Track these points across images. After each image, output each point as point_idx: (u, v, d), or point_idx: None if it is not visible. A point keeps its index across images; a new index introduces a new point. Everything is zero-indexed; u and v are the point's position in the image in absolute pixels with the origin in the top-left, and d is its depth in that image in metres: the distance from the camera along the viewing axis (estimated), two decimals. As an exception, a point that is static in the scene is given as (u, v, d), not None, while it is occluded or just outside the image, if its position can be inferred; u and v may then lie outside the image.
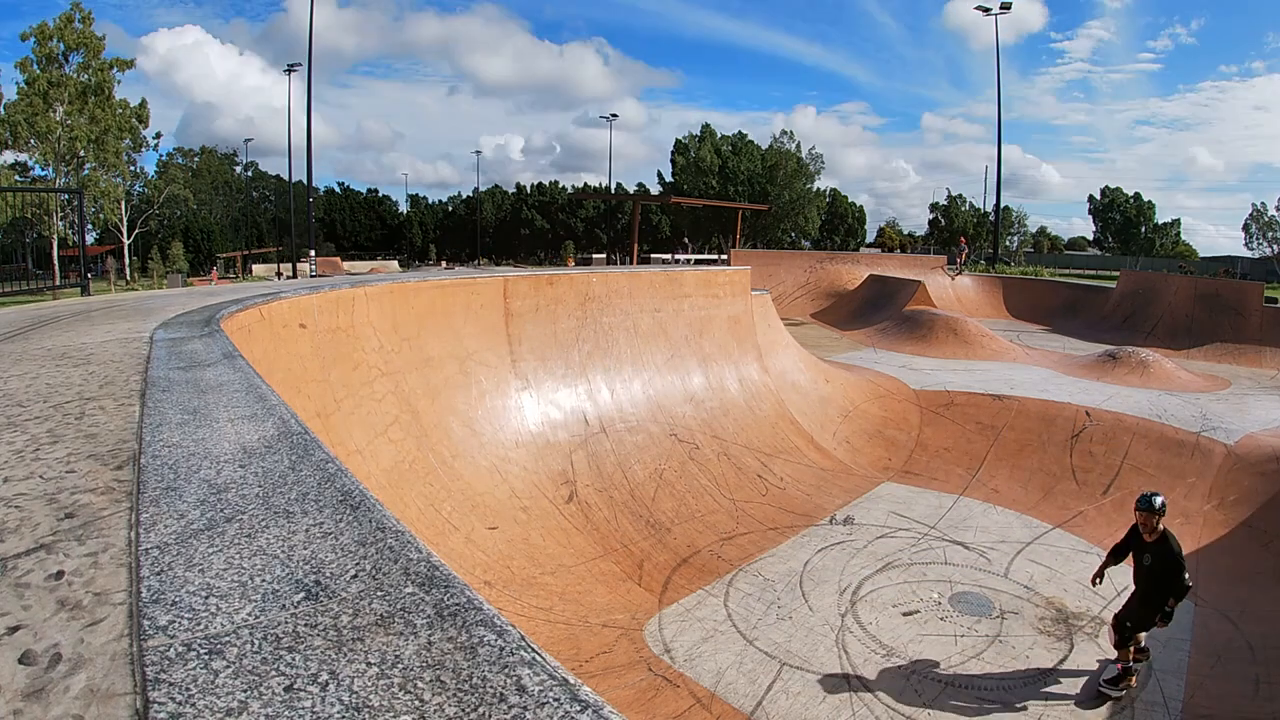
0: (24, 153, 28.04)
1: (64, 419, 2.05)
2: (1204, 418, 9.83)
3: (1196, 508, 7.90)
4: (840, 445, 10.27)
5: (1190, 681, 5.19)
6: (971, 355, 14.76)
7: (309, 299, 6.00)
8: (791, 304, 23.72)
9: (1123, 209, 58.48)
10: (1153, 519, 4.85)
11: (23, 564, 1.14)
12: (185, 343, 3.55)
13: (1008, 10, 34.62)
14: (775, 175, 51.74)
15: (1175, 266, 43.49)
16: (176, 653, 0.85)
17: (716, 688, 5.02)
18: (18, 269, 19.34)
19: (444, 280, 8.23)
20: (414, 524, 5.36)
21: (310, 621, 0.93)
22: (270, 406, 2.14)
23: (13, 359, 3.14)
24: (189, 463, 1.61)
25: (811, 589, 6.45)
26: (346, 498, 1.38)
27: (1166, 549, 4.81)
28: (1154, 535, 4.88)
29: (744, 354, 11.03)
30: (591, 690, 0.78)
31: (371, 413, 6.09)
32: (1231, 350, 15.96)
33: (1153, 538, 4.89)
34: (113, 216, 32.18)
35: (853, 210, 64.99)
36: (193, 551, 1.14)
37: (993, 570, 6.89)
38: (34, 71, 27.14)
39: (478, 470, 6.93)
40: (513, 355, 8.29)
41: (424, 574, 1.06)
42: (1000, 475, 9.26)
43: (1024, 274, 30.15)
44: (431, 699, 0.76)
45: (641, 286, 10.12)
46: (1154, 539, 4.88)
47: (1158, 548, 4.86)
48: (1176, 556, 4.74)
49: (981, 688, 5.07)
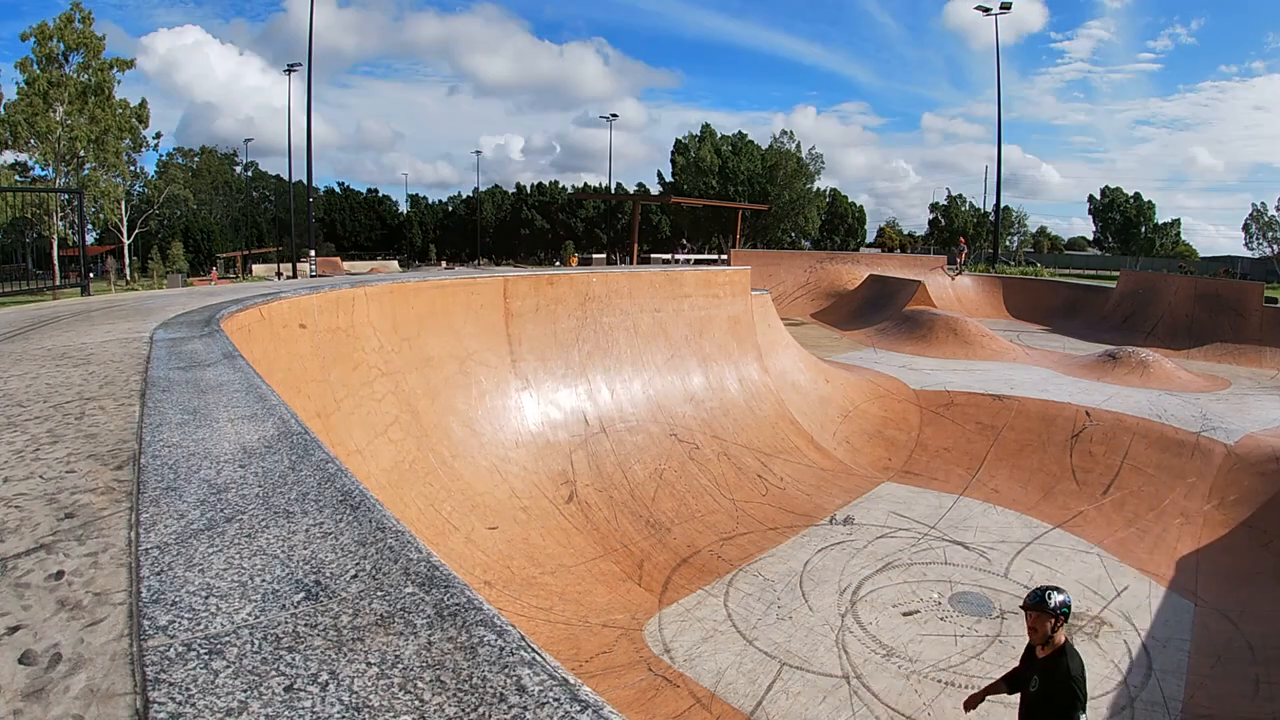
0: (24, 153, 28.05)
1: (64, 419, 2.05)
2: (1204, 418, 9.83)
3: (1196, 508, 7.90)
4: (840, 445, 10.27)
5: (1190, 681, 5.20)
6: (971, 355, 14.76)
7: (309, 299, 6.00)
8: (791, 304, 23.72)
9: (1123, 209, 58.49)
10: (1045, 623, 3.32)
11: (23, 564, 1.14)
12: (185, 343, 3.55)
13: (1008, 10, 34.62)
14: (775, 175, 51.75)
15: (1175, 266, 43.47)
16: (176, 653, 0.85)
17: (716, 688, 5.02)
18: (18, 269, 19.34)
19: (444, 280, 8.23)
20: (414, 524, 5.36)
21: (310, 621, 0.93)
22: (270, 406, 2.14)
23: (13, 359, 3.14)
24: (189, 463, 1.61)
25: (811, 589, 6.45)
26: (346, 498, 1.38)
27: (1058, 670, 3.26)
28: (1047, 648, 3.35)
29: (744, 354, 11.03)
30: (591, 690, 0.78)
31: (371, 413, 6.10)
32: (1231, 350, 15.97)
33: (1046, 651, 3.36)
34: (113, 216, 32.18)
35: (853, 210, 64.98)
36: (193, 551, 1.14)
37: (993, 570, 6.89)
38: (34, 71, 27.13)
39: (478, 470, 6.93)
40: (513, 355, 8.29)
41: (424, 574, 1.06)
42: (1000, 475, 9.26)
43: (1024, 274, 30.16)
44: (431, 699, 0.76)
45: (641, 286, 10.12)
46: (1046, 654, 3.35)
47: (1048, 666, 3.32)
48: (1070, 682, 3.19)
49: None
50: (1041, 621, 3.33)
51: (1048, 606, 3.31)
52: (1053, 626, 3.32)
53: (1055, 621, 3.31)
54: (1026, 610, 3.43)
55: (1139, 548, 7.40)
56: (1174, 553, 7.26)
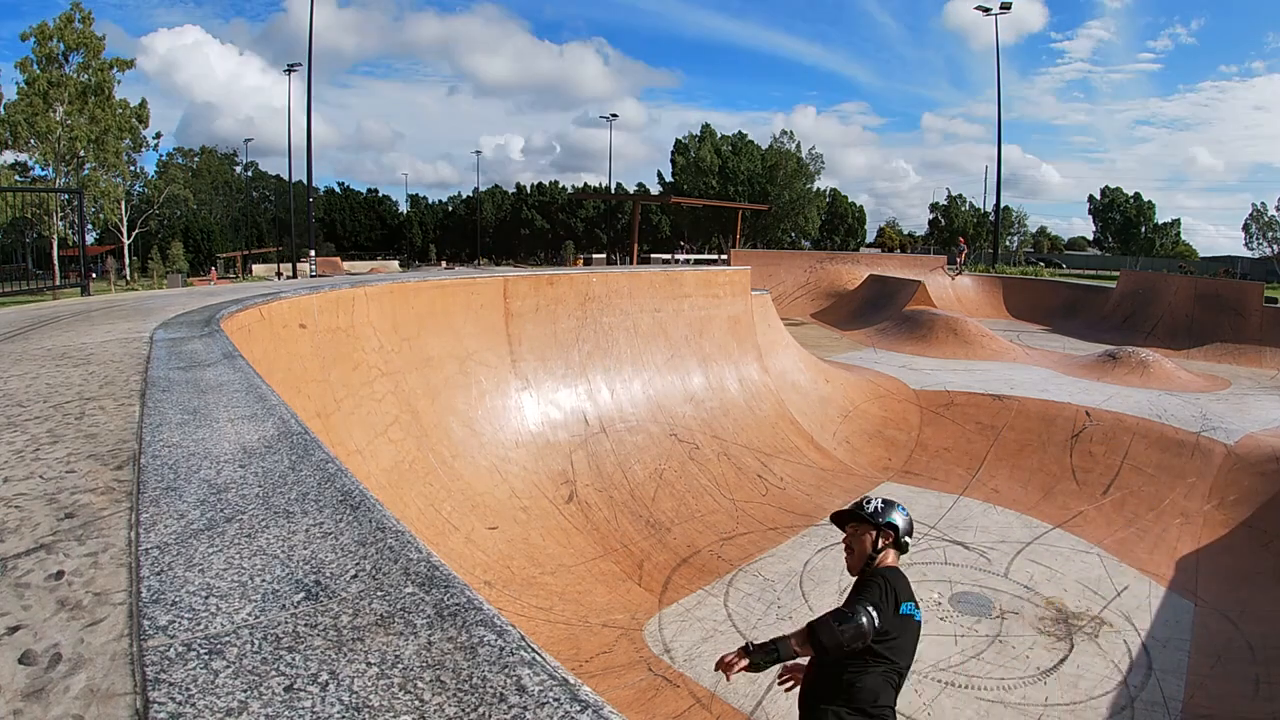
0: (24, 153, 28.05)
1: (64, 419, 2.05)
2: (1204, 418, 9.83)
3: (1196, 508, 7.90)
4: (840, 445, 10.27)
5: (1190, 681, 5.19)
6: (971, 355, 14.76)
7: (309, 299, 6.00)
8: (791, 304, 23.72)
9: (1123, 209, 58.52)
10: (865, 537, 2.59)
11: (23, 564, 1.14)
12: (185, 343, 3.55)
13: (1007, 10, 34.63)
14: (775, 175, 51.79)
15: (1175, 267, 43.51)
16: (176, 653, 0.85)
17: (716, 688, 5.02)
18: (18, 269, 19.31)
19: (444, 280, 8.23)
20: (414, 524, 5.36)
21: (310, 621, 0.93)
22: (270, 406, 2.14)
23: (13, 359, 3.14)
24: (189, 463, 1.61)
25: (811, 589, 6.45)
26: (346, 498, 1.38)
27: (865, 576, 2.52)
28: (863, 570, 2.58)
29: (744, 354, 11.03)
30: (591, 690, 0.78)
31: (371, 413, 6.10)
32: (1231, 350, 15.96)
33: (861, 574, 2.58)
34: (113, 216, 32.18)
35: (853, 210, 65.00)
36: (193, 551, 1.14)
37: (993, 570, 6.89)
38: (34, 71, 27.13)
39: (478, 470, 6.93)
40: (513, 355, 8.29)
41: (424, 574, 1.06)
42: (1000, 475, 9.26)
43: (1024, 274, 30.16)
44: (431, 699, 0.76)
45: (641, 286, 10.12)
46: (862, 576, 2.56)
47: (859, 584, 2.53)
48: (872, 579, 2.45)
49: (981, 688, 5.07)
50: (860, 536, 2.58)
51: (865, 512, 2.57)
52: (874, 543, 2.53)
53: (877, 535, 2.54)
54: (840, 524, 2.66)
55: (1139, 548, 7.40)
56: (1174, 553, 7.26)
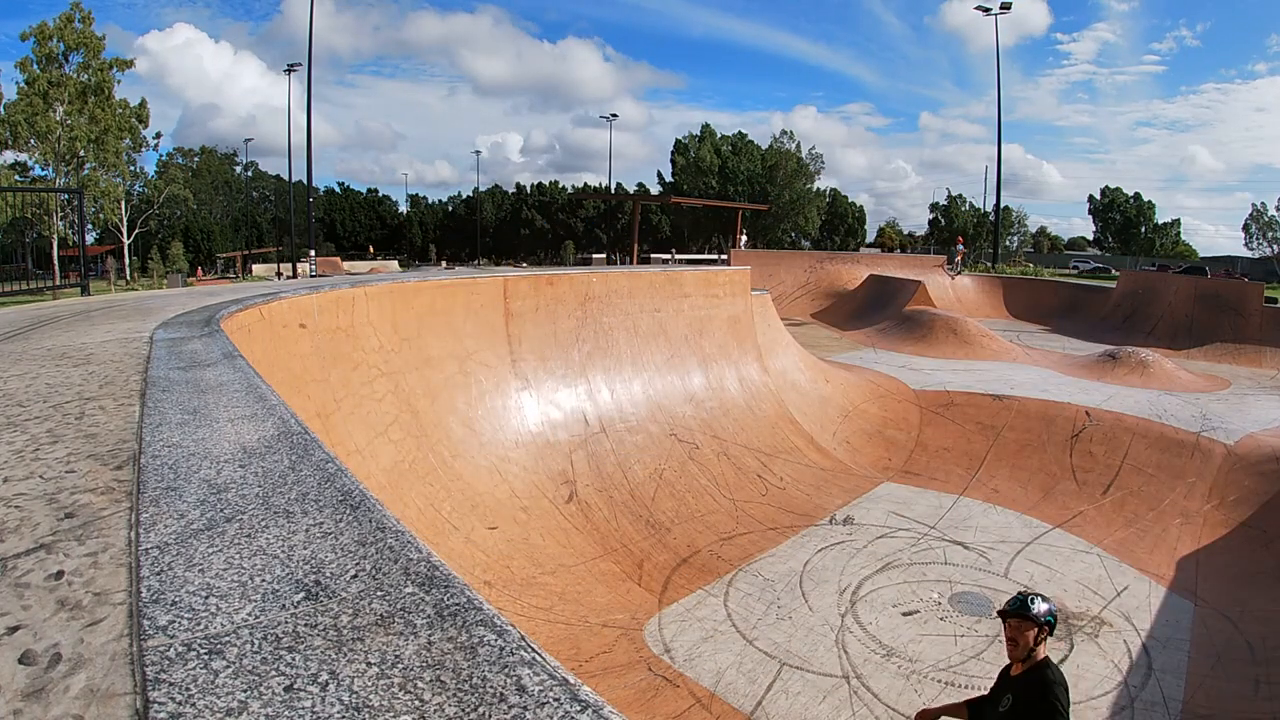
0: (24, 153, 28.08)
1: (64, 419, 2.05)
2: (1204, 418, 9.83)
3: (1196, 508, 7.90)
4: (840, 445, 10.27)
5: (1190, 681, 5.19)
6: (971, 355, 14.76)
7: (309, 299, 6.00)
8: (791, 304, 23.71)
9: (1123, 209, 58.55)
10: (1026, 633, 2.87)
11: (23, 564, 1.14)
12: (185, 343, 3.55)
13: (1008, 10, 34.64)
14: (775, 175, 51.81)
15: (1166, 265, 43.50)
16: (176, 653, 0.85)
17: (716, 688, 5.02)
18: (18, 269, 19.32)
19: (444, 280, 8.23)
20: (414, 524, 5.36)
21: (310, 621, 0.93)
22: (270, 406, 2.14)
23: (13, 359, 3.14)
24: (189, 463, 1.60)
25: (811, 589, 6.45)
26: (346, 498, 1.38)
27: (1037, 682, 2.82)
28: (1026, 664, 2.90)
29: (744, 354, 11.03)
30: (591, 690, 0.78)
31: (371, 413, 6.09)
32: (1231, 350, 15.97)
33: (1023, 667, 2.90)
34: (113, 216, 32.20)
35: (853, 210, 65.02)
36: (193, 551, 1.14)
37: (993, 570, 6.89)
38: (34, 71, 27.15)
39: (478, 470, 6.93)
40: (513, 355, 8.29)
41: (424, 574, 1.06)
42: (1000, 475, 9.26)
43: (1024, 274, 30.15)
44: (431, 699, 0.76)
45: (641, 286, 10.12)
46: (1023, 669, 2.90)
47: (1025, 681, 2.87)
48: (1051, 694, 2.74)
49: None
50: (1022, 631, 2.88)
51: (1029, 613, 2.86)
52: (1035, 638, 2.87)
53: (1038, 632, 2.87)
54: (1005, 618, 2.94)
55: (1139, 548, 7.40)
56: (1174, 553, 7.26)
